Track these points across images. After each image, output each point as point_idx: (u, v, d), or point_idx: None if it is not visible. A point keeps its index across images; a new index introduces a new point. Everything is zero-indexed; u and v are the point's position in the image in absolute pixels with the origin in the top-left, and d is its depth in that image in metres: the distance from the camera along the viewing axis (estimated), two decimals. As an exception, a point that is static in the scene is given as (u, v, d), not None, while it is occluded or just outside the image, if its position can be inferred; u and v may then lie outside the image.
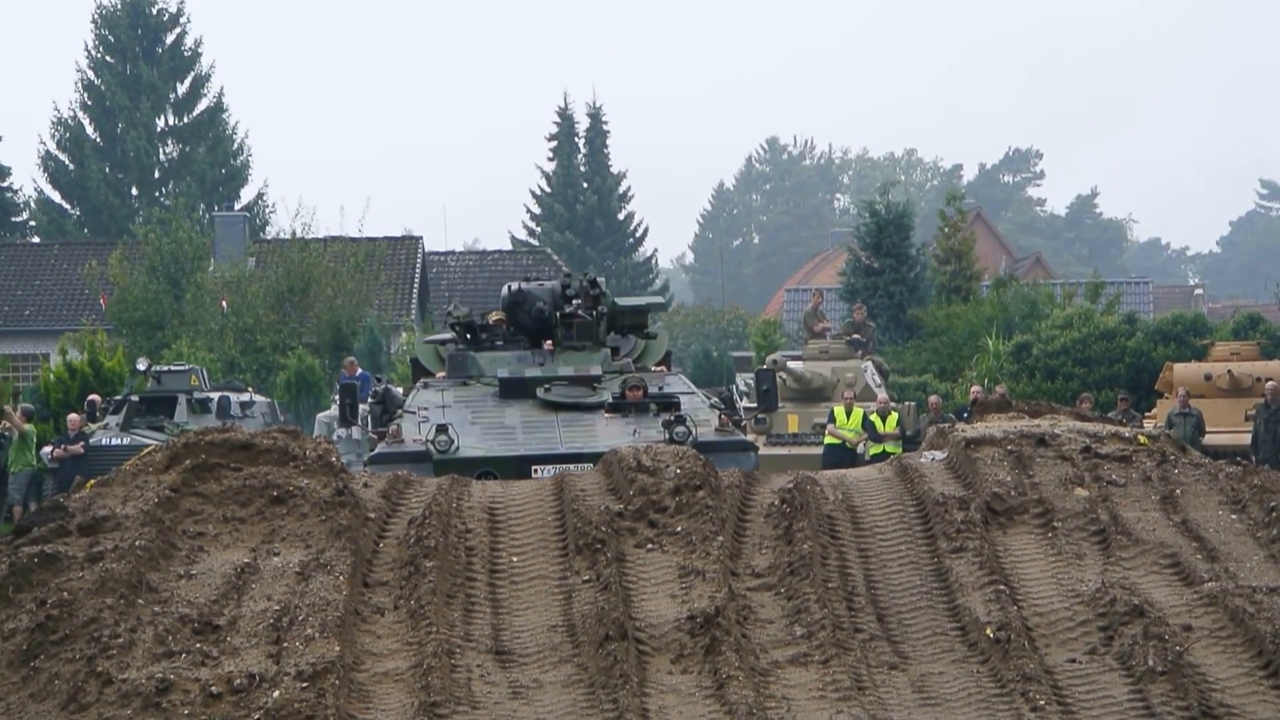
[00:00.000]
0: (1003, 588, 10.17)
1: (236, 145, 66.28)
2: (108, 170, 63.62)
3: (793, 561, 10.45)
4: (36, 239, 62.14)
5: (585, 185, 74.04)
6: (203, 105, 65.58)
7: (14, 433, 25.90)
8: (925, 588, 10.39)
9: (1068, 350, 33.58)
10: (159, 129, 65.08)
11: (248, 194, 66.06)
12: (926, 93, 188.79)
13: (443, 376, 18.95)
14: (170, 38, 65.27)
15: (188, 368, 33.04)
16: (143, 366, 31.98)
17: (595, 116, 74.93)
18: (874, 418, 25.31)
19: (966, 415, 18.20)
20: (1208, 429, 26.01)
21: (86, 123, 64.29)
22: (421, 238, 54.88)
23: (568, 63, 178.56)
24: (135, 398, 30.45)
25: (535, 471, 15.02)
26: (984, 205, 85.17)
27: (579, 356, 18.63)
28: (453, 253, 61.22)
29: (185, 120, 65.55)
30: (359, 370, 26.82)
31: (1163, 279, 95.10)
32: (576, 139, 74.92)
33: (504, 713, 8.80)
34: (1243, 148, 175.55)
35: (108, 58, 64.25)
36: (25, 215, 65.04)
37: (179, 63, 65.39)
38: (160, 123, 65.22)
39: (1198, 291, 76.98)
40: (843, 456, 24.09)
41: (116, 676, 8.78)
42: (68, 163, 63.59)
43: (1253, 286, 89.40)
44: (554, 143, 75.17)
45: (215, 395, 31.27)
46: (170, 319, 43.30)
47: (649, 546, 10.75)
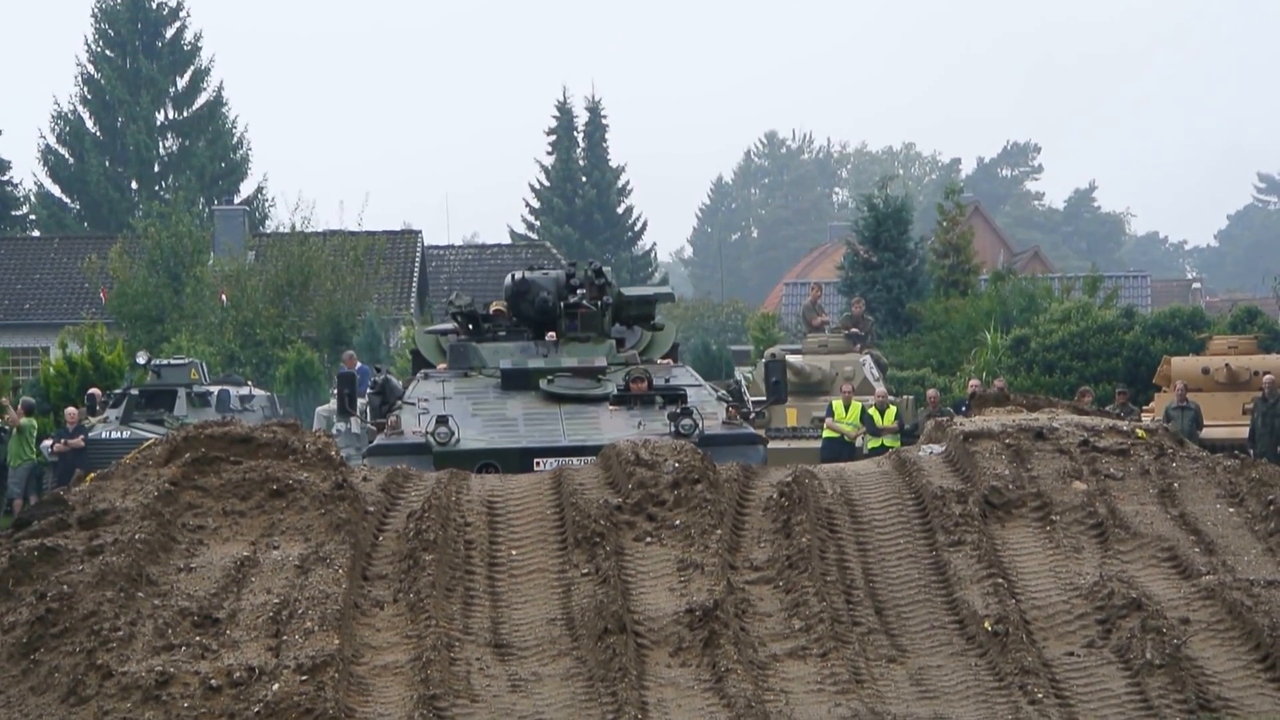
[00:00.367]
0: (1001, 581, 10.19)
1: (236, 139, 66.20)
2: (108, 164, 63.52)
3: (791, 555, 10.47)
4: (36, 233, 62.05)
5: (584, 179, 73.92)
6: (202, 99, 65.50)
7: (13, 427, 25.90)
8: (923, 581, 10.41)
9: (1066, 344, 33.56)
10: (159, 123, 64.96)
11: (247, 188, 66.10)
12: (925, 87, 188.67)
13: (444, 368, 18.51)
14: (170, 32, 65.17)
15: (187, 361, 33.05)
16: (142, 360, 31.99)
17: (594, 111, 74.86)
18: (872, 411, 25.29)
19: (965, 409, 18.22)
20: (1205, 422, 26.00)
21: (86, 117, 64.19)
22: (421, 231, 54.86)
23: (567, 58, 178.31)
24: (135, 391, 30.44)
25: (537, 464, 14.58)
26: (982, 199, 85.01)
27: (583, 348, 18.14)
28: (452, 246, 61.18)
29: (185, 114, 65.45)
30: (358, 364, 26.78)
31: (1161, 273, 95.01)
32: (575, 133, 74.80)
33: (503, 706, 8.81)
34: (1240, 141, 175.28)
35: (108, 52, 64.16)
36: (25, 209, 64.91)
37: (179, 57, 65.29)
38: (160, 117, 65.12)
39: (1195, 285, 76.94)
40: (841, 450, 24.07)
41: (116, 669, 8.80)
42: (68, 157, 63.51)
43: (1250, 280, 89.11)
44: (553, 137, 75.08)
45: (215, 389, 31.29)
46: (170, 313, 43.25)
47: (648, 540, 10.77)
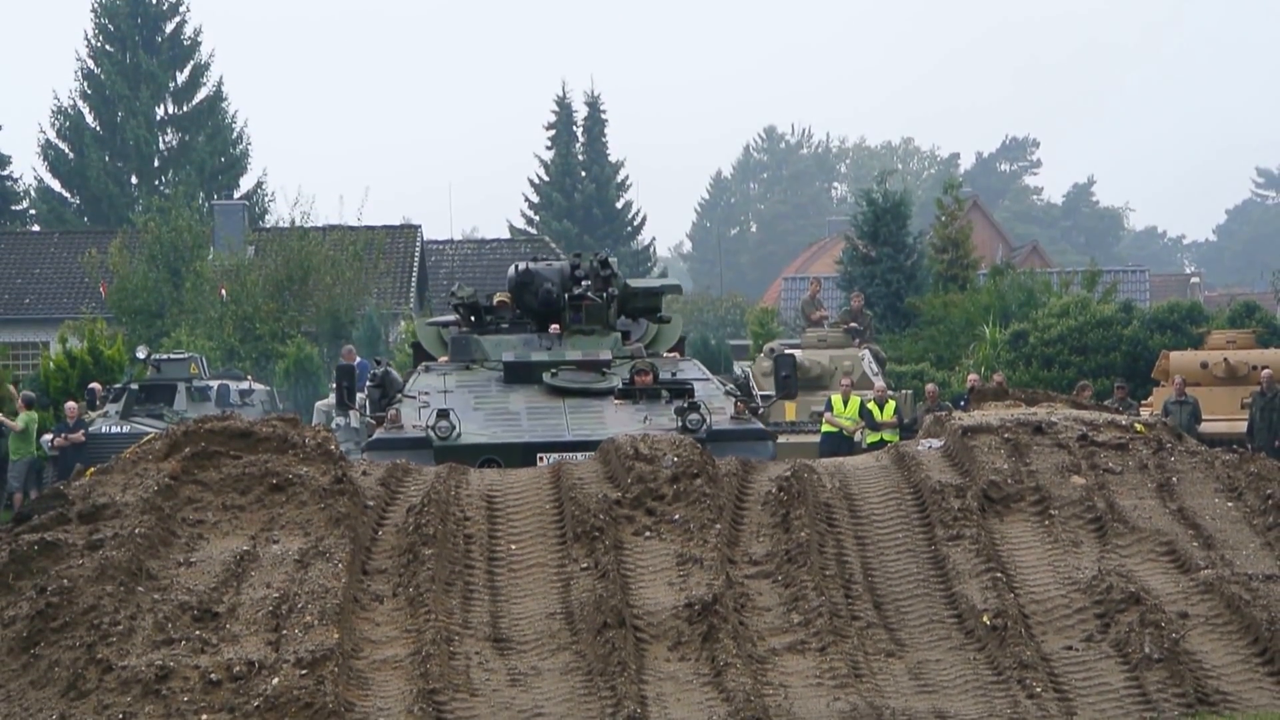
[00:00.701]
0: (999, 575, 10.20)
1: (236, 134, 66.10)
2: (107, 159, 63.43)
3: (790, 549, 10.48)
4: (36, 227, 62.01)
5: (583, 174, 73.88)
6: (202, 94, 65.36)
7: (10, 431, 25.95)
8: (922, 575, 10.42)
9: (1064, 338, 33.56)
10: (158, 118, 64.86)
11: (247, 183, 65.96)
12: (924, 82, 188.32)
13: (445, 360, 18.13)
14: (170, 27, 65.05)
15: (187, 356, 33.07)
16: (142, 355, 32.00)
17: (593, 105, 74.84)
18: (871, 406, 25.28)
19: (964, 403, 18.23)
20: (1204, 417, 26.00)
21: (86, 111, 64.07)
22: (420, 226, 54.78)
23: (565, 52, 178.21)
24: (135, 386, 30.45)
25: (540, 460, 14.31)
26: (981, 194, 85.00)
27: (588, 340, 17.74)
28: (451, 241, 61.13)
29: (185, 109, 65.34)
30: (357, 359, 26.78)
31: (1159, 267, 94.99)
32: (575, 128, 74.80)
33: (502, 700, 8.83)
34: (1239, 136, 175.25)
35: (107, 47, 64.05)
36: (25, 204, 64.85)
37: (178, 52, 65.19)
38: (160, 111, 65.01)
39: (1194, 280, 76.81)
40: (840, 444, 24.07)
41: (116, 664, 8.82)
42: (68, 151, 63.41)
43: (1249, 275, 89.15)
44: (552, 131, 75.08)
45: (214, 383, 31.31)
46: (170, 307, 43.24)
47: (647, 534, 10.78)
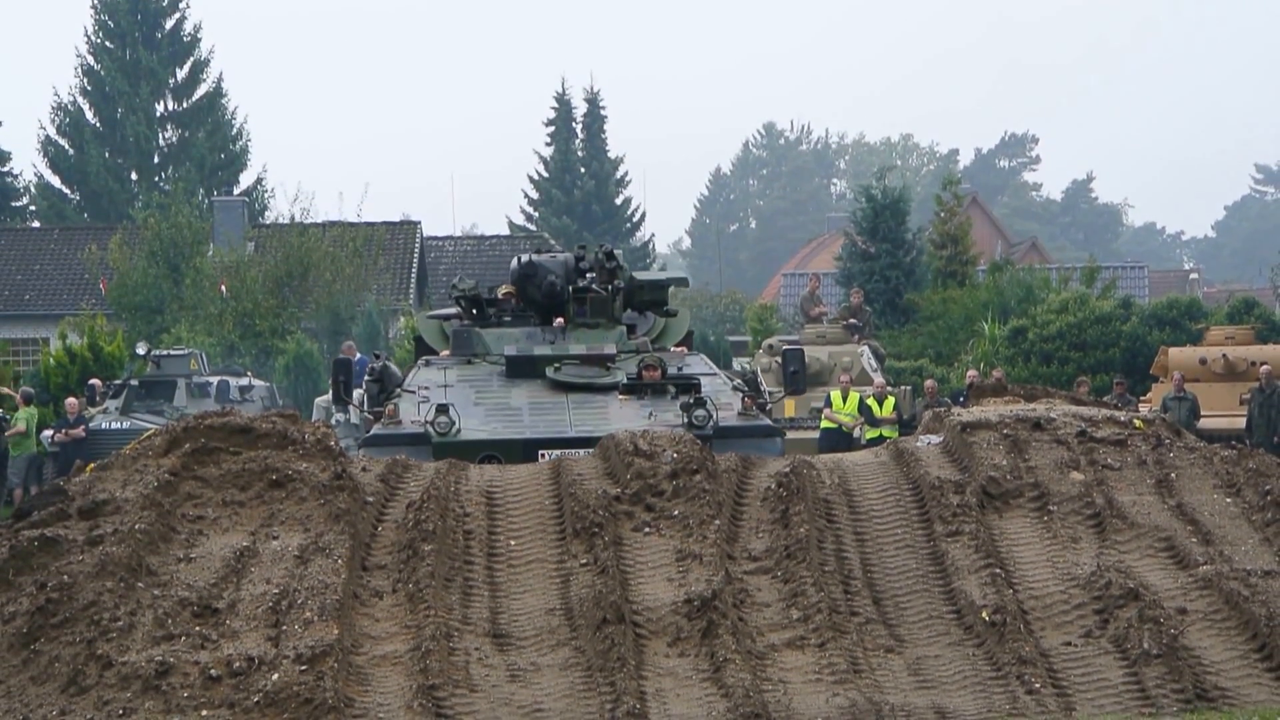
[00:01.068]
0: (998, 571, 10.21)
1: (235, 130, 66.07)
2: (107, 155, 63.40)
3: (789, 545, 10.49)
4: (36, 224, 61.96)
5: (583, 170, 73.87)
6: (202, 90, 65.32)
7: (13, 418, 25.96)
8: (921, 571, 10.43)
9: (1063, 334, 33.58)
10: (158, 114, 64.82)
11: (247, 179, 65.92)
12: (923, 78, 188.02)
13: (446, 354, 17.71)
14: (170, 23, 65.00)
15: (187, 352, 33.08)
16: (142, 351, 32.00)
17: (593, 102, 74.82)
18: (870, 402, 25.28)
19: (963, 399, 18.25)
20: (1203, 413, 25.99)
21: (86, 108, 64.03)
22: (420, 222, 54.73)
23: (564, 49, 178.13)
24: (135, 382, 30.49)
25: (542, 457, 13.85)
26: (980, 190, 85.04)
27: (592, 334, 17.23)
28: (451, 238, 61.09)
29: (184, 105, 65.30)
30: (357, 354, 26.78)
31: (1158, 263, 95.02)
32: (574, 124, 74.78)
33: (502, 695, 8.83)
34: (1238, 132, 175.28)
35: (107, 43, 64.00)
36: (25, 200, 64.85)
37: (178, 48, 65.15)
38: (160, 108, 64.96)
39: (1193, 276, 76.75)
40: (839, 440, 24.05)
41: (116, 659, 8.83)
42: (68, 148, 63.38)
43: (1248, 271, 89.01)
44: (551, 128, 75.07)
45: (214, 379, 31.31)
46: (169, 303, 43.23)
47: (646, 530, 10.79)
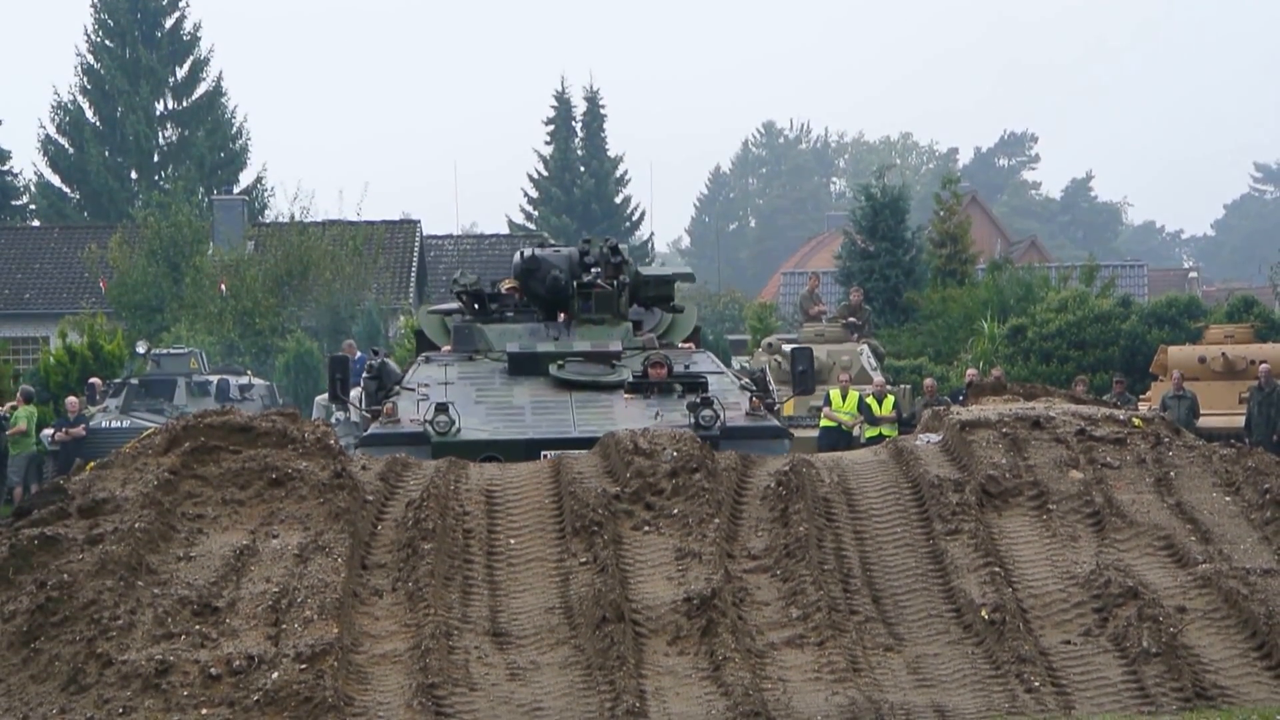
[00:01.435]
0: (998, 570, 10.21)
1: (235, 129, 66.07)
2: (107, 154, 63.40)
3: (789, 544, 10.48)
4: (36, 222, 61.99)
5: (582, 169, 73.90)
6: (202, 89, 65.30)
7: (13, 416, 25.97)
8: (920, 570, 10.42)
9: (1063, 333, 33.61)
10: (158, 113, 64.83)
11: (246, 178, 65.89)
12: (922, 77, 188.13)
13: (448, 350, 17.39)
14: (169, 22, 64.98)
15: (187, 351, 33.14)
16: (142, 350, 32.06)
17: (592, 100, 74.84)
18: (870, 400, 25.30)
19: (962, 398, 18.26)
20: (1202, 411, 26.01)
21: (86, 107, 64.02)
22: (419, 221, 54.75)
23: (564, 48, 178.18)
24: (135, 381, 30.52)
25: (545, 457, 13.41)
26: (979, 189, 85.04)
27: (597, 330, 16.89)
28: (450, 236, 61.09)
29: (184, 104, 65.28)
30: (357, 353, 26.78)
31: (1157, 262, 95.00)
32: (574, 123, 74.80)
33: (501, 694, 8.84)
34: (1237, 131, 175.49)
35: (107, 42, 63.98)
36: (25, 199, 64.89)
37: (178, 47, 65.13)
38: (159, 106, 64.94)
39: (1192, 274, 76.77)
40: (839, 439, 24.07)
41: (116, 658, 8.83)
42: (67, 146, 63.37)
43: (1247, 269, 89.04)
44: (551, 127, 75.09)
45: (214, 378, 31.35)
46: (169, 302, 43.27)
47: (646, 529, 10.78)
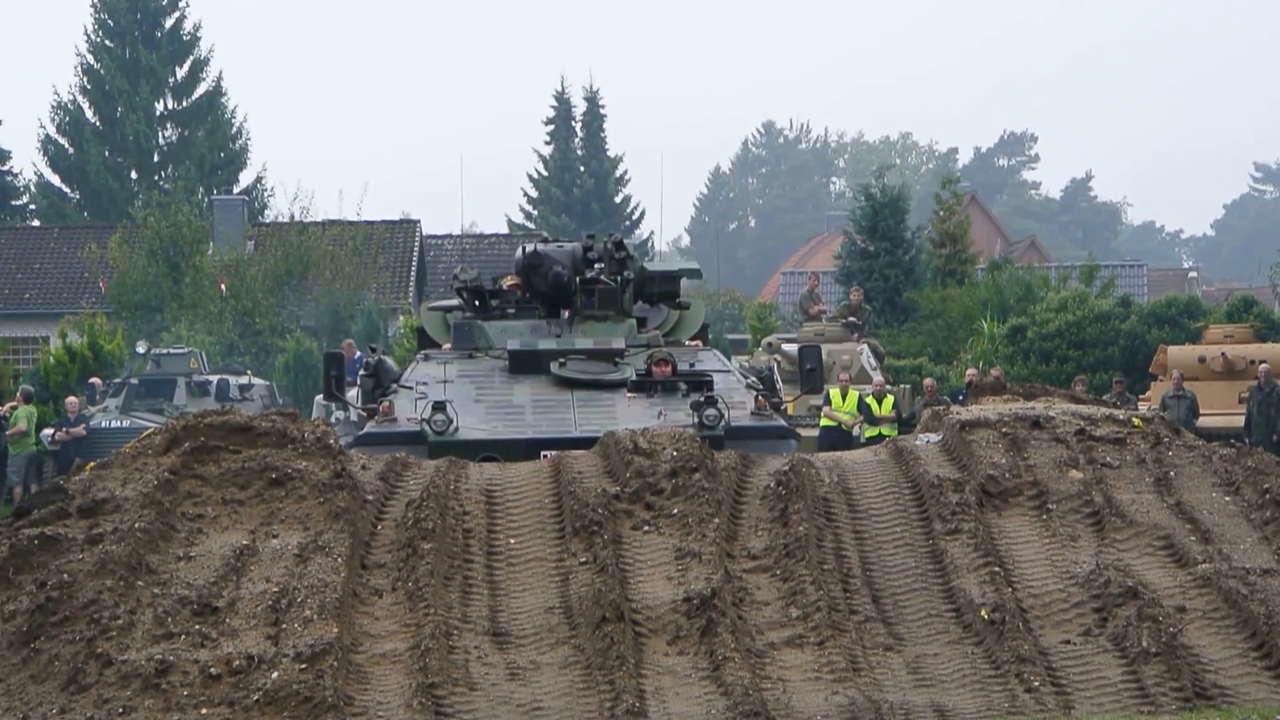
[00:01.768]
0: (997, 570, 10.21)
1: (235, 129, 66.10)
2: (107, 154, 63.43)
3: (788, 543, 10.48)
4: (36, 222, 62.05)
5: (582, 169, 73.92)
6: (201, 89, 65.33)
7: (13, 416, 25.98)
8: (920, 570, 10.42)
9: (1062, 333, 33.62)
10: (158, 113, 64.85)
11: (246, 178, 65.96)
12: (922, 77, 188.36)
13: (447, 348, 17.07)
14: (169, 22, 65.02)
15: (187, 351, 33.17)
16: (142, 349, 32.09)
17: (592, 100, 74.84)
18: (870, 400, 25.31)
19: (962, 398, 18.27)
20: (1202, 411, 26.02)
21: (86, 107, 64.05)
22: (419, 221, 54.80)
23: (563, 48, 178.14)
24: (135, 380, 30.53)
25: (544, 458, 13.11)
26: (979, 189, 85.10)
27: (600, 327, 16.57)
28: (450, 236, 61.11)
29: (184, 104, 65.31)
30: (357, 353, 26.77)
31: (1157, 262, 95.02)
32: (573, 123, 74.81)
33: (501, 694, 8.84)
34: (1237, 131, 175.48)
35: (107, 42, 64.01)
36: (25, 199, 64.93)
37: (178, 47, 65.16)
38: (159, 106, 64.97)
39: (1192, 274, 76.84)
40: (838, 439, 24.07)
41: (116, 658, 8.83)
42: (67, 146, 63.41)
43: (1246, 269, 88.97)
44: (551, 126, 75.10)
45: (214, 378, 31.37)
46: (169, 302, 43.29)
47: (645, 528, 10.78)
